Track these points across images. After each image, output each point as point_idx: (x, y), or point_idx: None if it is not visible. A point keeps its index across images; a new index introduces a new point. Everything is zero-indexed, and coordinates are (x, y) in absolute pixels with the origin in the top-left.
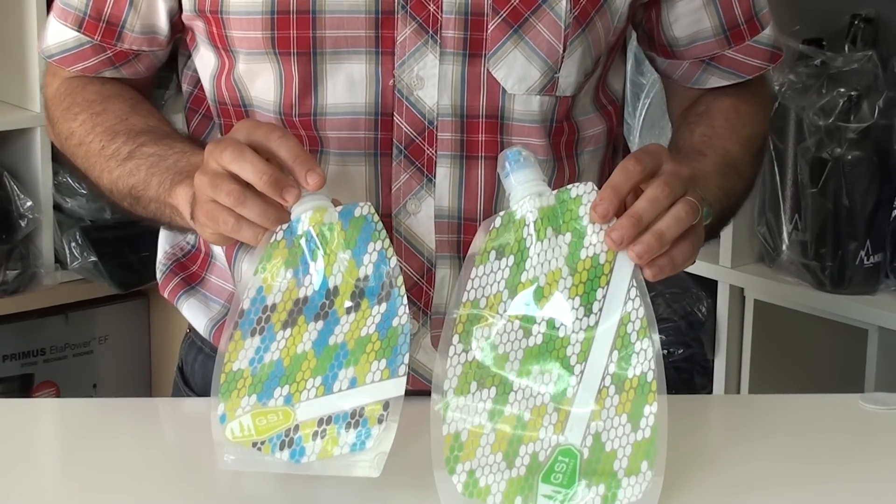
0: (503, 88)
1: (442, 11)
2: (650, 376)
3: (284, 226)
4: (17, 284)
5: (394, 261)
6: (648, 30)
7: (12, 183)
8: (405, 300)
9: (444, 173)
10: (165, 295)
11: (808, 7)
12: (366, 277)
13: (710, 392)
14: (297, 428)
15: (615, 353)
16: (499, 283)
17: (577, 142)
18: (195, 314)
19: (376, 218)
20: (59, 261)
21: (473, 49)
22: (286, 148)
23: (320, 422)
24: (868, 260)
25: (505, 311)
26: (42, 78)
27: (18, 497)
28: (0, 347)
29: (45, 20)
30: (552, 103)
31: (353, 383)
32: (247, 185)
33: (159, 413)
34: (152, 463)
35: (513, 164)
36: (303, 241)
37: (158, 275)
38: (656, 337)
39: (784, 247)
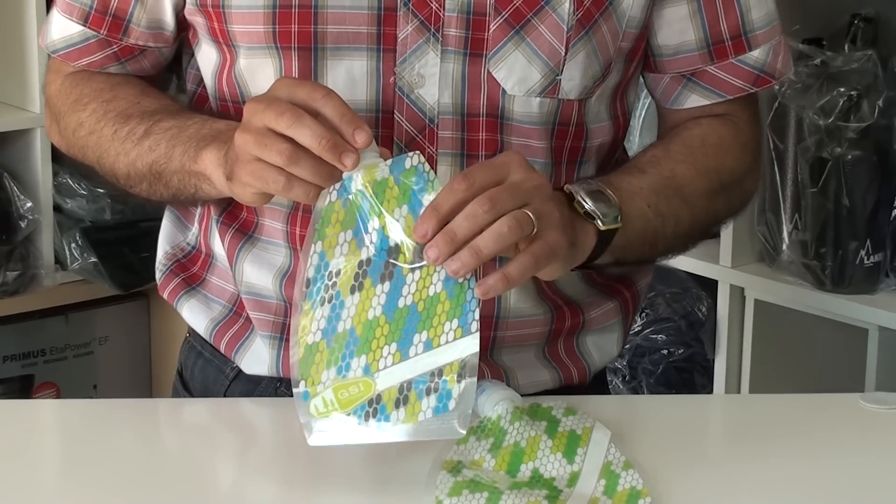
0: (503, 89)
1: (444, 10)
2: (640, 485)
3: (337, 185)
4: (17, 285)
5: None
6: None
7: (12, 184)
8: None
9: (445, 171)
10: (165, 296)
11: (807, 6)
12: None
13: (711, 392)
14: (378, 398)
15: (602, 480)
16: (480, 452)
17: (583, 149)
18: (195, 315)
19: (427, 167)
20: (60, 262)
21: (474, 49)
22: (331, 106)
23: (401, 388)
24: (868, 259)
25: (490, 466)
26: (43, 79)
27: (18, 498)
28: (0, 348)
29: (45, 21)
30: (554, 105)
31: (427, 346)
32: (296, 143)
33: (159, 414)
34: (152, 464)
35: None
36: (358, 200)
37: (158, 275)
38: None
39: (784, 246)
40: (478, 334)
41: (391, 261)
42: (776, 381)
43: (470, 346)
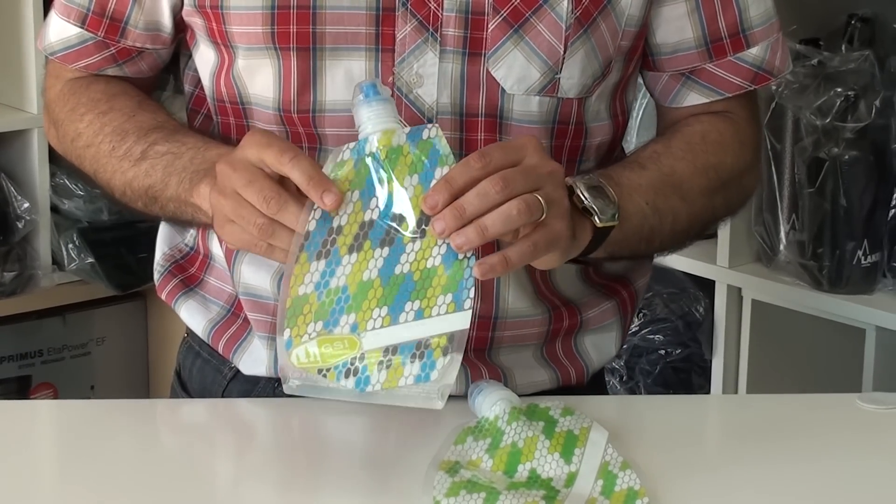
0: (502, 88)
1: (442, 9)
2: (637, 485)
3: (352, 145)
4: (14, 286)
5: None
6: None
7: (9, 184)
8: None
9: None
10: (163, 297)
11: (804, 6)
12: None
13: (708, 392)
14: (362, 357)
15: (599, 481)
16: (478, 452)
17: (582, 148)
18: (193, 316)
19: (444, 141)
20: (57, 262)
21: (473, 48)
22: (299, 170)
23: (385, 352)
24: (865, 259)
25: (487, 467)
26: (40, 80)
27: (16, 498)
28: None
29: (42, 21)
30: (553, 104)
31: (418, 315)
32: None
33: (157, 414)
34: (150, 465)
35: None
36: (370, 162)
37: (156, 276)
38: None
39: (781, 247)
40: (470, 312)
41: (394, 227)
42: (773, 381)
43: (460, 321)
